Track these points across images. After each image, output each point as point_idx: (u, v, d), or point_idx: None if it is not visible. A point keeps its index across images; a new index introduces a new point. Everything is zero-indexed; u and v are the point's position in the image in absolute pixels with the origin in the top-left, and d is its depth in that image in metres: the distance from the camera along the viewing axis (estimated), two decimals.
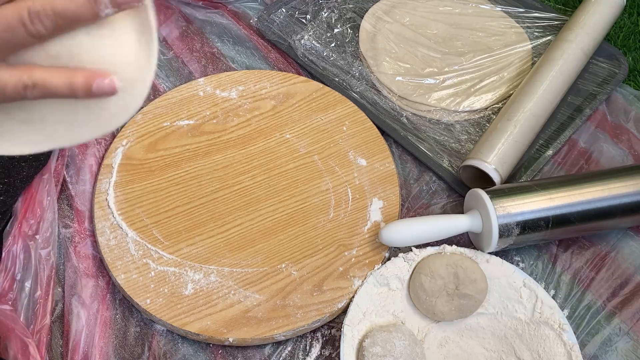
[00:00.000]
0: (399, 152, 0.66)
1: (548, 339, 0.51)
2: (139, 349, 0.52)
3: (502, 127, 0.61)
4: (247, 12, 0.78)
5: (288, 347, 0.53)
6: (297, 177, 0.61)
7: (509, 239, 0.54)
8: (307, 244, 0.57)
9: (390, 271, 0.54)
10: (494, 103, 0.68)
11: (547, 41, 0.74)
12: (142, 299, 0.53)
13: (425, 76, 0.70)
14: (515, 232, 0.53)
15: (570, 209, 0.54)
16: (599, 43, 0.71)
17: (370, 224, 0.58)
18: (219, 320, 0.52)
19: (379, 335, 0.49)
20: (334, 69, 0.71)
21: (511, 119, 0.61)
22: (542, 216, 0.54)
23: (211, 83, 0.68)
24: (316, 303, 0.53)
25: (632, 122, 0.68)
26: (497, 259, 0.55)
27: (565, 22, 0.73)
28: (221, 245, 0.56)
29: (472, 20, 0.76)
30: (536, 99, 0.63)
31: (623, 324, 0.55)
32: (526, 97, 0.63)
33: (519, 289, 0.53)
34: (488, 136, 0.61)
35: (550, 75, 0.65)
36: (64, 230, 0.57)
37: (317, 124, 0.65)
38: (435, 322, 0.54)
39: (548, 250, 0.59)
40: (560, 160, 0.65)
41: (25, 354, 0.49)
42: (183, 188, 0.60)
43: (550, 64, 0.66)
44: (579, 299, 0.56)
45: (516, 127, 0.61)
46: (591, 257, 0.59)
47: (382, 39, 0.73)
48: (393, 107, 0.68)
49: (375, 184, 0.61)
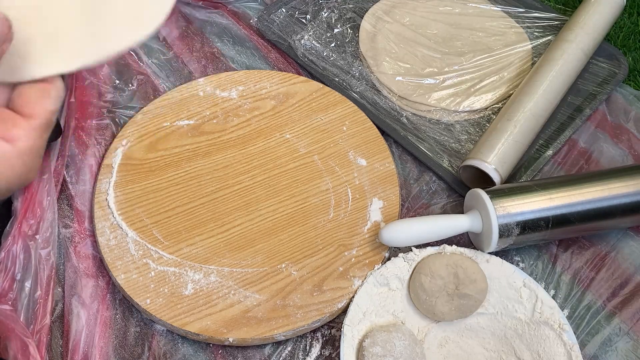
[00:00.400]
0: (399, 152, 0.66)
1: (548, 339, 0.51)
2: (139, 349, 0.52)
3: (502, 127, 0.61)
4: (247, 12, 0.78)
5: (288, 347, 0.53)
6: (297, 177, 0.61)
7: (509, 239, 0.54)
8: (307, 244, 0.57)
9: (390, 271, 0.54)
10: (494, 103, 0.68)
11: (547, 41, 0.74)
12: (142, 299, 0.53)
13: (425, 76, 0.70)
14: (516, 232, 0.53)
15: (570, 209, 0.54)
16: (599, 43, 0.71)
17: (370, 224, 0.58)
18: (219, 320, 0.52)
19: (379, 335, 0.49)
20: (334, 69, 0.71)
21: (511, 119, 0.61)
22: (542, 216, 0.54)
23: (211, 83, 0.68)
24: (316, 303, 0.53)
25: (632, 122, 0.68)
26: (497, 259, 0.55)
27: (565, 22, 0.73)
28: (221, 245, 0.56)
29: (472, 20, 0.76)
30: (536, 99, 0.63)
31: (623, 324, 0.55)
32: (526, 97, 0.63)
33: (519, 289, 0.53)
34: (488, 136, 0.61)
35: (550, 75, 0.65)
36: (64, 230, 0.57)
37: (317, 124, 0.65)
38: (435, 322, 0.54)
39: (548, 250, 0.59)
40: (560, 160, 0.65)
41: (25, 354, 0.49)
42: (183, 188, 0.60)
43: (550, 64, 0.66)
44: (579, 299, 0.56)
45: (516, 127, 0.61)
46: (591, 257, 0.59)
47: (382, 39, 0.73)
48: (393, 107, 0.68)
49: (375, 184, 0.61)
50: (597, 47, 0.72)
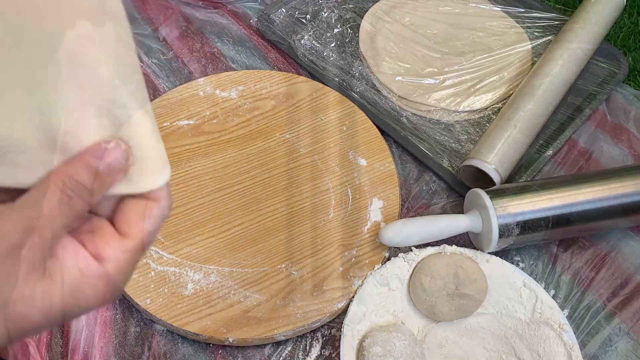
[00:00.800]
0: (399, 152, 0.66)
1: (548, 339, 0.51)
2: (139, 349, 0.52)
3: (502, 127, 0.61)
4: (247, 12, 0.78)
5: (288, 347, 0.53)
6: (297, 177, 0.61)
7: (509, 238, 0.54)
8: (307, 244, 0.57)
9: (390, 271, 0.54)
10: (494, 103, 0.68)
11: (547, 41, 0.74)
12: (142, 299, 0.53)
13: (425, 76, 0.70)
14: (516, 232, 0.53)
15: (571, 209, 0.54)
16: (599, 43, 0.71)
17: (370, 224, 0.58)
18: (218, 320, 0.52)
19: (379, 335, 0.49)
20: (334, 69, 0.71)
21: (511, 118, 0.61)
22: (542, 216, 0.54)
23: (211, 83, 0.68)
24: (316, 303, 0.53)
25: (632, 122, 0.68)
26: (497, 259, 0.55)
27: (565, 22, 0.73)
28: (221, 245, 0.56)
29: (472, 20, 0.76)
30: (536, 99, 0.63)
31: (623, 324, 0.55)
32: (526, 97, 0.63)
33: (519, 289, 0.53)
34: (488, 136, 0.61)
35: (550, 75, 0.65)
36: None
37: (317, 124, 0.65)
38: (435, 322, 0.54)
39: (548, 250, 0.59)
40: (560, 160, 0.65)
41: (25, 354, 0.49)
42: (183, 188, 0.60)
43: (550, 64, 0.66)
44: (579, 299, 0.56)
45: (516, 127, 0.61)
46: (591, 257, 0.59)
47: (382, 39, 0.73)
48: (393, 107, 0.68)
49: (375, 184, 0.61)
50: (597, 47, 0.72)
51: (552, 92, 0.65)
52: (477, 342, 0.53)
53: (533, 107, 0.62)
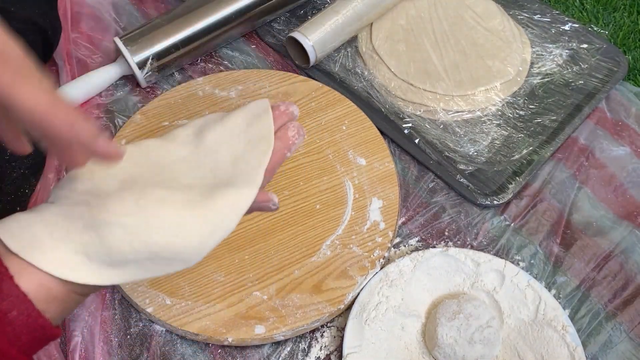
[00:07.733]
0: (398, 152, 0.66)
1: (551, 341, 0.51)
2: (138, 349, 0.52)
3: (328, 15, 0.69)
4: None
5: (287, 347, 0.53)
6: (297, 176, 0.61)
7: (152, 69, 0.66)
8: (307, 244, 0.57)
9: (392, 270, 0.54)
10: (493, 103, 0.68)
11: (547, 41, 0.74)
12: (142, 299, 0.52)
13: (425, 76, 0.70)
14: (155, 64, 0.65)
15: (195, 29, 0.67)
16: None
17: (370, 223, 0.58)
18: (218, 320, 0.52)
19: (450, 302, 0.51)
20: (334, 68, 0.71)
21: (339, 11, 0.69)
22: (172, 43, 0.66)
23: (210, 82, 0.68)
24: (316, 303, 0.53)
25: (632, 119, 0.68)
26: (501, 260, 0.54)
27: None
28: (221, 245, 0.56)
29: (472, 19, 0.76)
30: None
31: (624, 325, 0.54)
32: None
33: (523, 290, 0.53)
34: (317, 19, 0.69)
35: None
36: None
37: (316, 124, 0.65)
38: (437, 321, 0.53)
39: (548, 250, 0.59)
40: (561, 157, 0.65)
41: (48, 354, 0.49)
42: None
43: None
44: (580, 299, 0.56)
45: (342, 18, 0.69)
46: (593, 258, 0.59)
47: (382, 38, 0.73)
48: (392, 106, 0.68)
49: (375, 183, 0.61)
50: (598, 47, 0.72)
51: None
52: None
53: (360, 5, 0.70)
